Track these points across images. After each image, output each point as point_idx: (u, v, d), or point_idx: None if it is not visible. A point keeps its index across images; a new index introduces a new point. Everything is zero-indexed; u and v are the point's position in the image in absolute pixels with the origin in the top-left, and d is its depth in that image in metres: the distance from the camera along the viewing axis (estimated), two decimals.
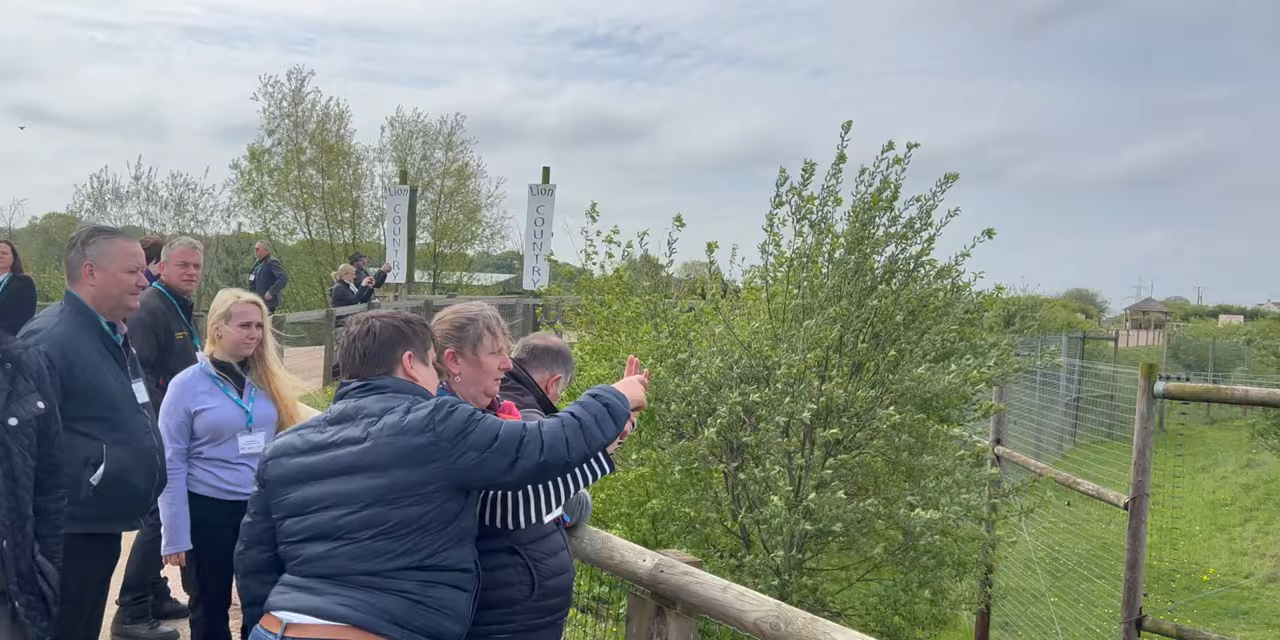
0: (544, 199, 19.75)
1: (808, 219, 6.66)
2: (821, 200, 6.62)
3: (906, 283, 6.72)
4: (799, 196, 6.58)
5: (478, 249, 32.98)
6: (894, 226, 6.65)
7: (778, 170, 6.56)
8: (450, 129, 31.05)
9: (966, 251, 6.72)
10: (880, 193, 6.53)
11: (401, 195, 21.46)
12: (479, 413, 2.44)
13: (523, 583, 2.60)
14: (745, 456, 6.54)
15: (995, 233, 6.68)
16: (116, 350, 3.38)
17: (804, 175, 6.57)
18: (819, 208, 6.63)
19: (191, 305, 5.07)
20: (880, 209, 6.55)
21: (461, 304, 2.89)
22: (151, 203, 28.80)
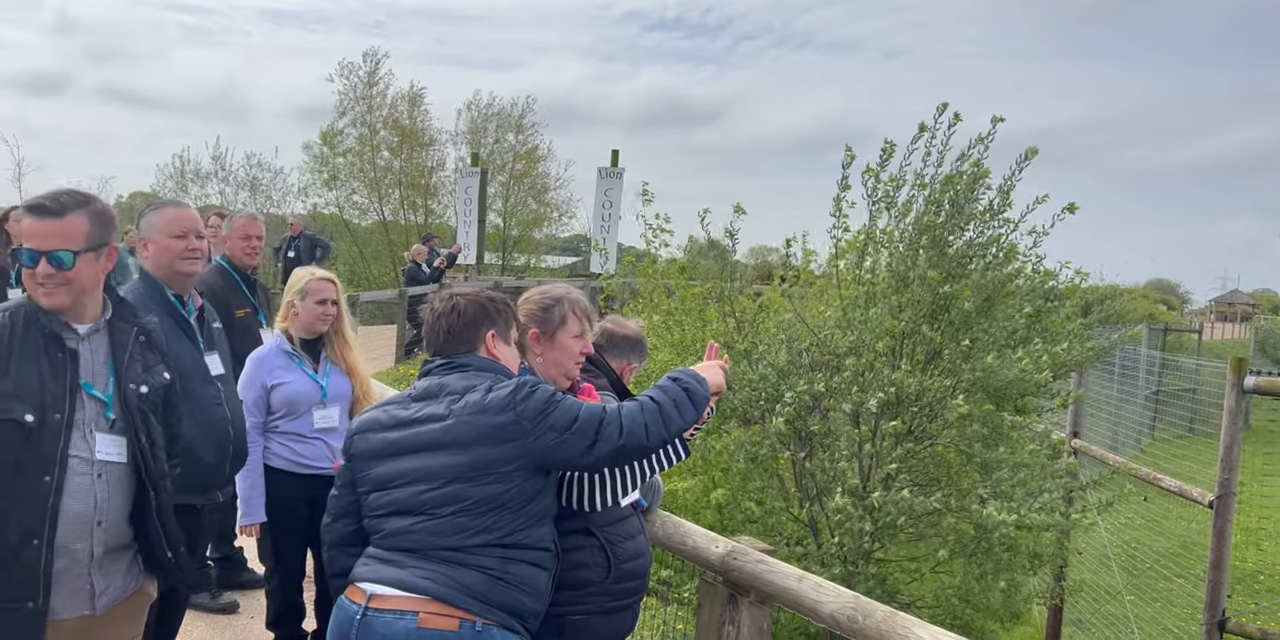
0: (612, 182, 19.74)
1: (883, 202, 6.49)
2: (899, 182, 6.43)
3: (985, 268, 6.52)
4: (875, 178, 6.41)
5: (545, 232, 33.17)
6: (974, 208, 6.44)
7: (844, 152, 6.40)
8: (521, 112, 31.24)
9: (1046, 230, 6.46)
10: (964, 174, 6.32)
11: (472, 177, 21.66)
12: (559, 393, 2.44)
13: (599, 565, 2.61)
14: (813, 445, 6.46)
15: (1077, 207, 6.38)
16: (185, 322, 3.43)
17: (883, 156, 6.39)
18: (894, 190, 6.44)
19: (255, 281, 5.08)
20: (962, 189, 6.35)
21: (548, 285, 2.90)
22: (228, 183, 29.64)
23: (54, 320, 2.41)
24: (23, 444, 2.31)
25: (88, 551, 2.42)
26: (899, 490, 5.77)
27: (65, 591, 2.40)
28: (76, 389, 2.40)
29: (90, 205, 2.45)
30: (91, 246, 2.41)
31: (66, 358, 2.40)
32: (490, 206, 26.58)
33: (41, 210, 2.39)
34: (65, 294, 2.40)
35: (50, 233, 2.37)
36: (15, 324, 2.38)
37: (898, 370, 6.13)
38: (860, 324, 6.30)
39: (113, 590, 2.50)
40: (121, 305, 2.59)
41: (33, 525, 2.32)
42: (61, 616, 2.40)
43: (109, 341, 2.51)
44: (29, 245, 2.38)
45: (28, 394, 2.33)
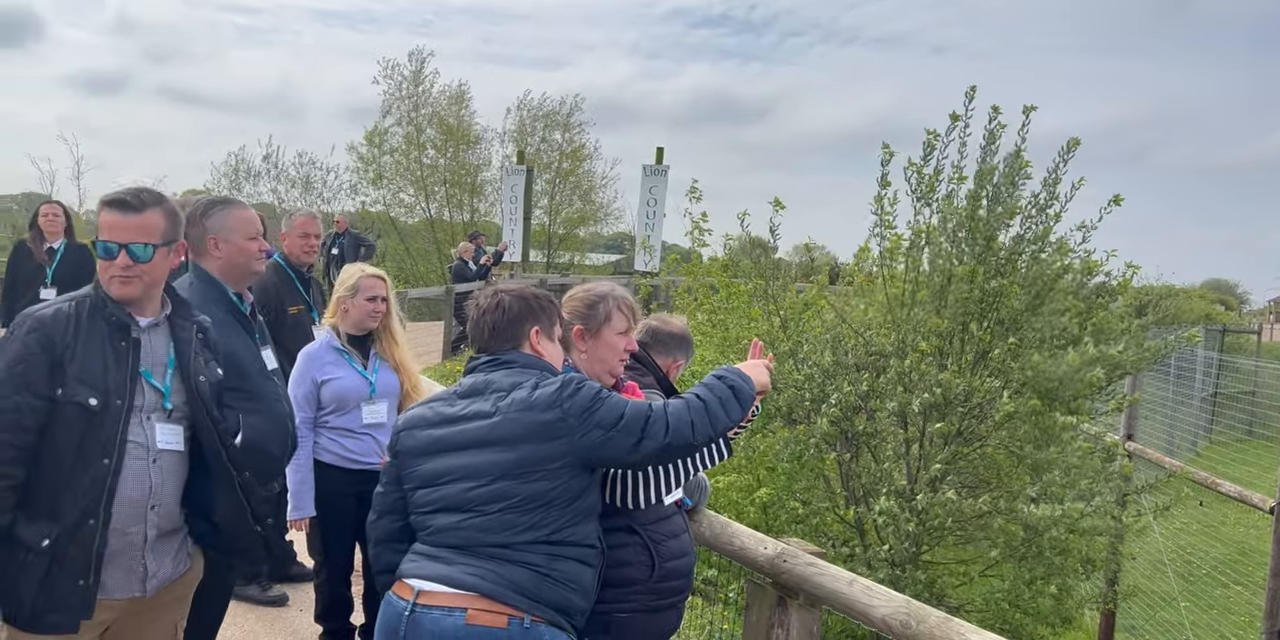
0: (657, 180, 19.72)
1: (925, 198, 6.39)
2: (938, 177, 6.33)
3: (1032, 263, 6.38)
4: (918, 174, 6.32)
5: (589, 230, 33.25)
6: (1016, 202, 6.32)
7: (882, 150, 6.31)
8: (569, 111, 31.31)
9: (1094, 224, 6.32)
10: (1000, 166, 6.21)
11: (518, 175, 21.76)
12: (605, 391, 2.44)
13: (642, 563, 2.60)
14: (860, 446, 6.39)
15: (1123, 199, 6.23)
16: (244, 319, 3.47)
17: (925, 150, 6.30)
18: (934, 185, 6.33)
19: (310, 279, 5.13)
20: (1001, 181, 6.24)
21: (593, 282, 2.90)
22: (280, 181, 30.11)
23: (120, 310, 2.51)
24: (85, 427, 2.41)
25: (141, 534, 2.51)
26: (945, 492, 5.68)
27: (119, 572, 2.49)
28: (137, 377, 2.49)
29: (165, 203, 2.58)
30: (166, 241, 2.53)
31: (129, 346, 2.49)
32: (535, 204, 26.67)
33: (123, 205, 2.50)
34: (138, 285, 2.51)
35: (130, 227, 2.49)
36: (81, 312, 2.49)
37: (945, 371, 6.04)
38: (904, 323, 6.22)
39: (163, 573, 2.59)
40: (180, 303, 2.69)
41: (89, 506, 2.41)
42: (114, 596, 2.49)
43: (170, 336, 2.62)
44: (107, 238, 2.49)
45: (92, 379, 2.42)
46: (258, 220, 3.45)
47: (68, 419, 2.41)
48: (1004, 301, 6.08)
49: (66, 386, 2.41)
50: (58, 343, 2.42)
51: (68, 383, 2.41)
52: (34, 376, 2.39)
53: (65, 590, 2.40)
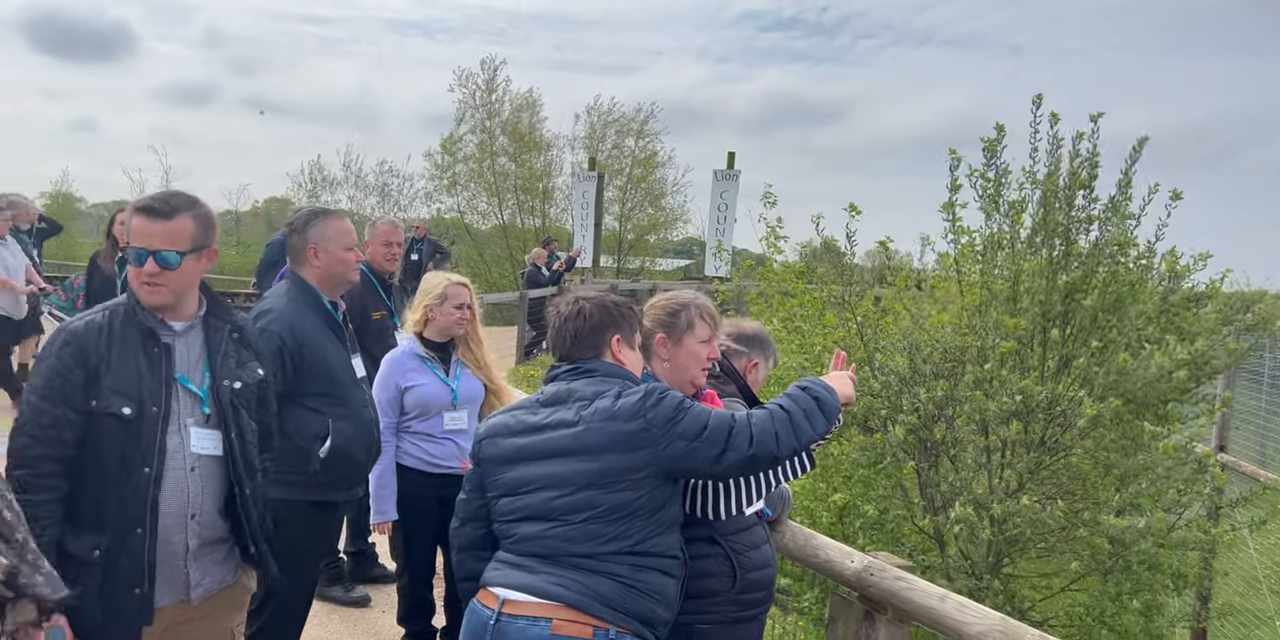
0: (728, 184, 19.66)
1: (995, 202, 6.27)
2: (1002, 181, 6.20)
3: (1114, 268, 6.21)
4: (983, 178, 6.22)
5: (659, 235, 33.27)
6: (1093, 207, 6.16)
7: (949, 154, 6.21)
8: (644, 118, 31.37)
9: (1164, 221, 6.12)
10: (1077, 171, 6.07)
11: (589, 181, 21.90)
12: (688, 400, 2.43)
13: (724, 574, 2.58)
14: (938, 454, 6.28)
15: (1182, 194, 6.01)
16: (337, 327, 3.54)
17: (986, 155, 6.20)
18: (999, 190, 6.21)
19: (392, 285, 5.23)
20: (1077, 187, 6.09)
21: (675, 290, 2.89)
22: (358, 188, 30.77)
23: (150, 316, 2.50)
24: (124, 437, 2.41)
25: (183, 543, 2.51)
26: (1019, 500, 5.54)
27: (163, 581, 2.50)
28: (171, 383, 2.48)
29: (196, 208, 2.53)
30: (195, 248, 2.50)
31: (161, 353, 2.48)
32: (606, 210, 26.80)
33: (151, 212, 2.48)
34: (168, 292, 2.49)
35: (158, 233, 2.46)
36: (114, 321, 2.49)
37: (1025, 378, 5.91)
38: (981, 329, 6.11)
39: (208, 581, 2.59)
40: (215, 303, 2.66)
41: (136, 515, 2.42)
42: (159, 604, 2.50)
43: (204, 338, 2.59)
44: (137, 244, 2.47)
45: (126, 388, 2.42)
46: (354, 231, 3.54)
47: (106, 430, 2.41)
48: (1081, 303, 5.93)
49: (102, 398, 2.41)
50: (91, 354, 2.42)
51: (103, 394, 2.41)
52: (70, 390, 2.40)
53: (122, 599, 2.43)
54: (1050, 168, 6.15)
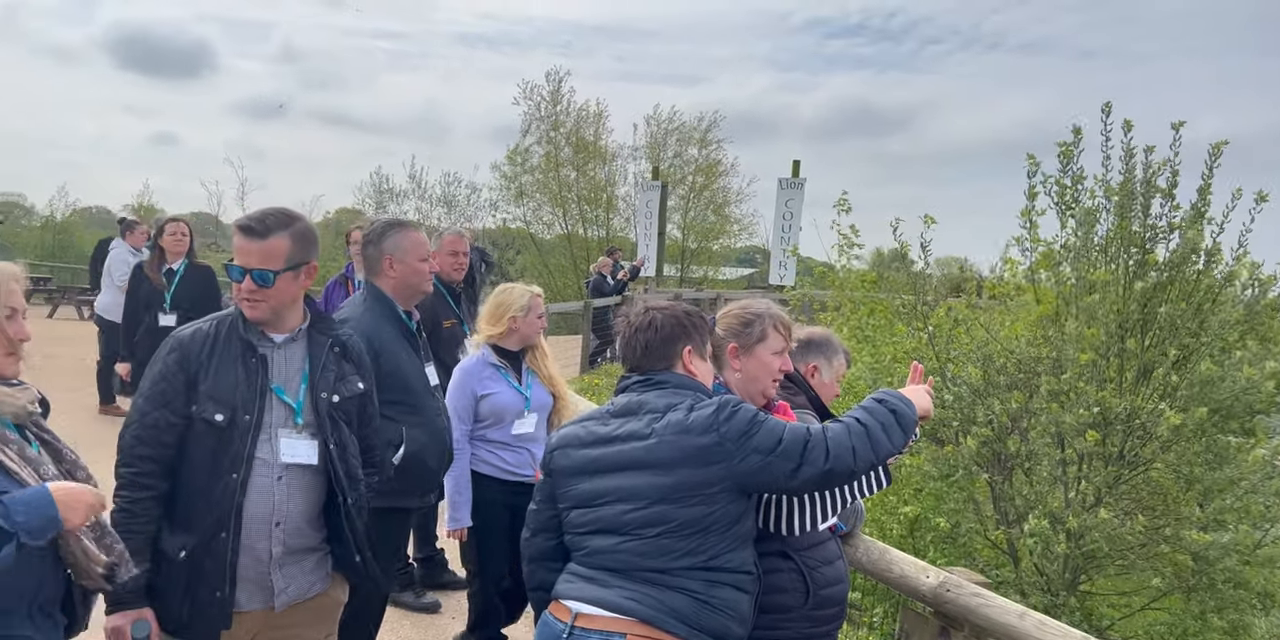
0: (793, 193, 19.55)
1: (1071, 210, 6.12)
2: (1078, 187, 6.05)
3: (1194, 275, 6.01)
4: (1059, 185, 6.07)
5: (722, 244, 33.21)
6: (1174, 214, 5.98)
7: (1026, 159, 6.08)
8: (706, 127, 31.39)
9: (1247, 227, 5.90)
10: (1152, 178, 5.90)
11: (653, 191, 21.96)
12: (762, 414, 2.39)
13: (797, 590, 2.55)
14: (1012, 467, 6.15)
15: (1268, 196, 5.78)
16: (411, 336, 3.60)
17: (1062, 161, 6.06)
18: (1080, 196, 6.06)
19: (460, 294, 5.29)
20: (1153, 195, 5.92)
21: (748, 299, 2.85)
22: (424, 199, 31.28)
23: (251, 329, 2.58)
24: (216, 443, 2.49)
25: (267, 551, 2.55)
26: (1096, 514, 5.39)
27: (248, 586, 2.55)
28: (266, 393, 2.54)
29: (293, 226, 2.58)
30: (291, 266, 2.55)
31: (258, 364, 2.55)
32: (668, 219, 26.83)
33: (248, 231, 2.55)
34: (265, 308, 2.56)
35: (255, 252, 2.53)
36: (219, 331, 2.58)
37: (1103, 390, 5.76)
38: (1057, 339, 5.97)
39: (293, 590, 2.62)
40: (320, 317, 2.72)
41: (221, 519, 2.48)
42: (244, 608, 2.55)
43: (305, 350, 2.65)
44: (236, 262, 2.55)
45: (222, 396, 2.50)
46: (428, 243, 3.60)
47: (200, 434, 2.49)
48: (1158, 312, 5.76)
49: (199, 403, 2.49)
50: (192, 361, 2.51)
51: (200, 400, 2.49)
52: (172, 394, 2.49)
53: (205, 601, 2.49)
54: (1124, 175, 6.00)
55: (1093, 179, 6.10)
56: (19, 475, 1.99)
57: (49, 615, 2.07)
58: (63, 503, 1.94)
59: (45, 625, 2.05)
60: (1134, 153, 5.97)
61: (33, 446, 2.08)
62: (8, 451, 1.99)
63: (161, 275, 6.58)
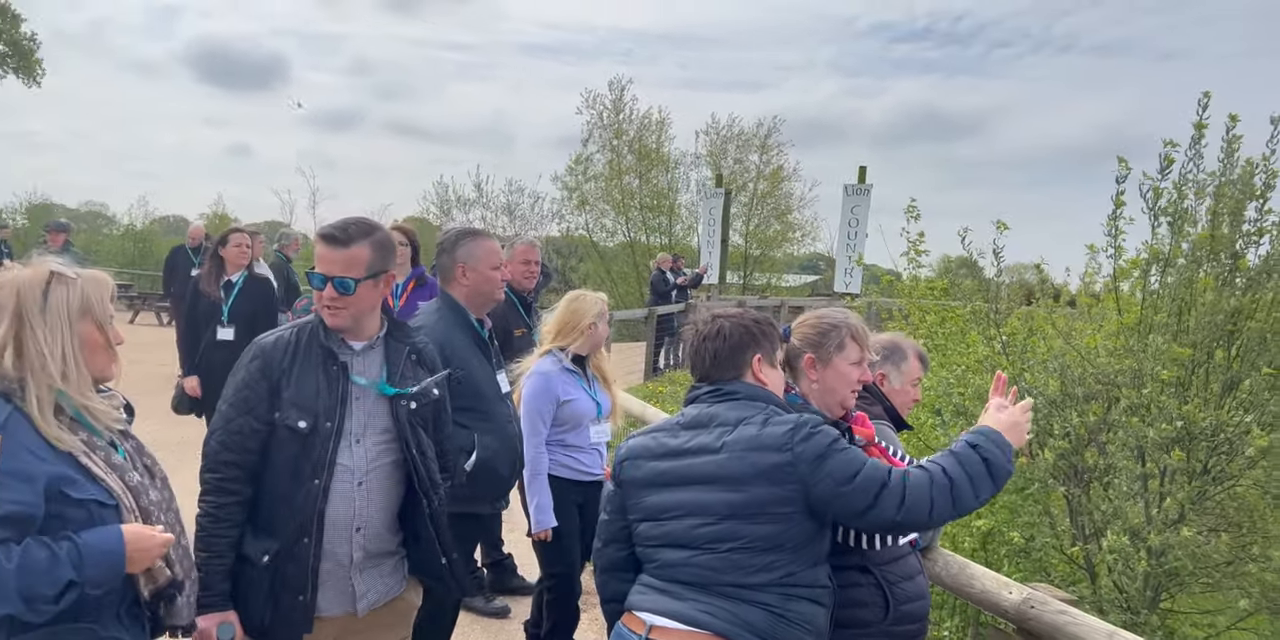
0: (859, 199, 19.33)
1: (1170, 217, 5.92)
2: (1180, 191, 5.85)
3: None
4: (1154, 191, 5.87)
5: (785, 251, 33.00)
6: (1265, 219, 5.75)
7: (1118, 162, 5.87)
8: (766, 132, 31.27)
9: None
10: (1246, 177, 5.68)
11: (716, 198, 21.89)
12: (843, 441, 2.32)
13: (876, 605, 2.50)
14: (1090, 481, 5.98)
15: None
16: (484, 344, 3.63)
17: (1163, 164, 5.84)
18: (1179, 201, 5.86)
19: (531, 303, 5.34)
20: (1249, 197, 5.70)
21: (825, 309, 2.79)
22: (489, 208, 31.63)
23: (332, 337, 2.62)
24: (299, 449, 2.52)
25: (348, 555, 2.59)
26: (1179, 531, 5.21)
27: (330, 591, 2.59)
28: (347, 400, 2.58)
29: (373, 235, 2.63)
30: (371, 274, 2.60)
31: (339, 371, 2.59)
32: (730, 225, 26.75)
33: (330, 239, 2.59)
34: (346, 316, 2.60)
35: (336, 260, 2.57)
36: (301, 339, 2.62)
37: (1187, 403, 5.57)
38: (1140, 351, 5.79)
39: (373, 594, 2.66)
40: (397, 324, 2.76)
41: (304, 524, 2.52)
42: (327, 613, 2.59)
43: (383, 357, 2.68)
44: (318, 270, 2.60)
45: (304, 403, 2.54)
46: (501, 251, 3.64)
47: (283, 441, 2.53)
48: (1248, 324, 5.55)
49: (282, 410, 2.53)
50: (275, 369, 2.56)
51: (283, 406, 2.53)
52: (255, 401, 2.54)
53: (287, 605, 2.53)
54: (1223, 176, 5.77)
55: (1178, 176, 5.86)
56: (105, 482, 2.04)
57: (136, 617, 2.12)
58: (132, 550, 2.00)
59: (133, 626, 2.10)
60: (1237, 147, 5.71)
61: (119, 453, 2.13)
62: (95, 458, 2.05)
63: (219, 288, 6.17)
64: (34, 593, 1.87)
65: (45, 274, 2.04)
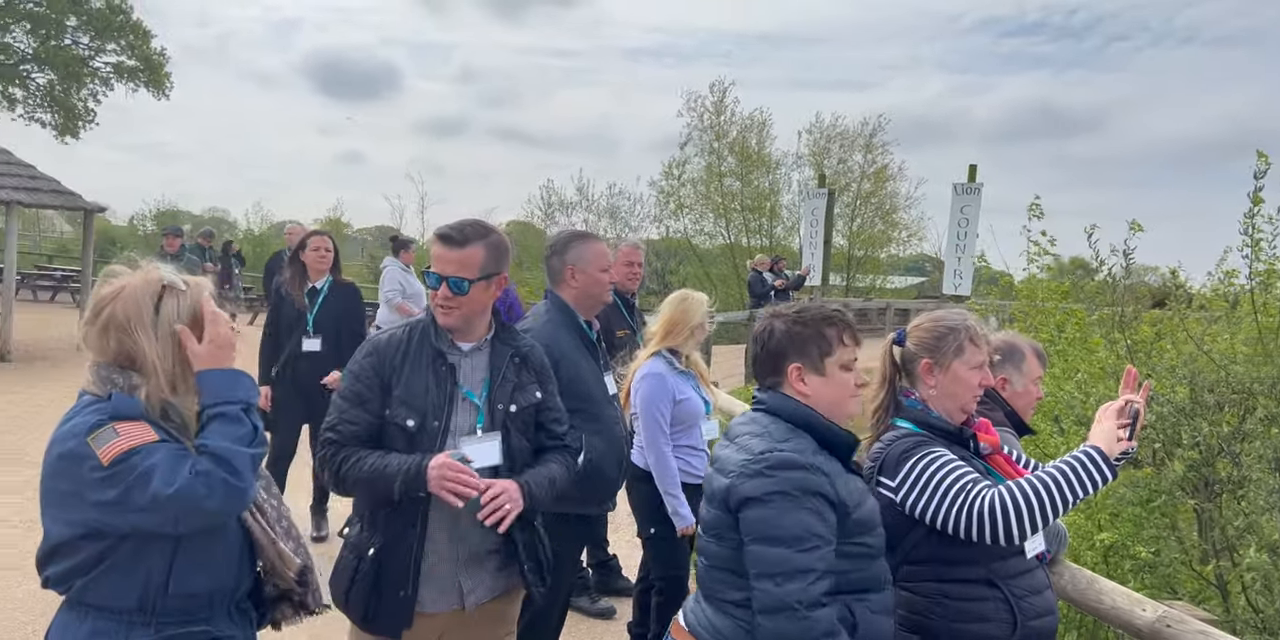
0: (969, 198, 18.78)
1: None
2: None
3: None
4: None
5: (889, 252, 32.37)
6: None
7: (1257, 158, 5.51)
8: (871, 131, 30.75)
9: None
10: None
11: (819, 198, 21.59)
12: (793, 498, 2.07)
13: (1003, 621, 2.39)
14: (1222, 494, 5.67)
15: None
16: (591, 345, 3.64)
17: None
18: None
19: (634, 305, 5.34)
20: None
21: (942, 311, 2.70)
22: (590, 211, 31.93)
23: (442, 337, 2.67)
24: (407, 446, 2.56)
25: (454, 553, 2.62)
26: None
27: (435, 588, 2.61)
28: (454, 399, 2.62)
29: (489, 237, 2.67)
30: (485, 275, 2.64)
31: (448, 371, 2.63)
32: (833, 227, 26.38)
33: (447, 240, 2.64)
34: (458, 315, 2.64)
35: (452, 260, 2.62)
36: (412, 338, 2.67)
37: None
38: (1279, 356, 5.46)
39: (480, 590, 2.68)
40: (503, 328, 2.79)
41: (408, 521, 2.57)
42: (432, 609, 2.62)
43: (489, 360, 2.72)
44: (434, 269, 2.64)
45: (413, 401, 2.58)
46: (610, 254, 3.64)
47: (392, 438, 2.58)
48: None
49: (392, 408, 2.58)
50: (386, 366, 2.61)
51: (393, 404, 2.58)
52: (367, 395, 2.60)
53: (390, 598, 2.57)
54: None
55: None
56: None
57: (244, 612, 2.17)
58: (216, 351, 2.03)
59: (242, 622, 2.15)
60: None
61: None
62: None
63: (304, 294, 5.79)
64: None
65: (157, 285, 2.06)
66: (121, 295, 2.02)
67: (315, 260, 5.80)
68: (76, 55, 28.89)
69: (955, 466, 2.38)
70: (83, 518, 1.90)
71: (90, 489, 1.86)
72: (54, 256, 31.77)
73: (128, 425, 1.91)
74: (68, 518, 1.92)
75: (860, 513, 2.17)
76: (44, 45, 28.62)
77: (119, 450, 1.86)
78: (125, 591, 1.95)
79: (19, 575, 5.08)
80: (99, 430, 1.88)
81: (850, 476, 2.21)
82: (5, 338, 13.15)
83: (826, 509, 2.09)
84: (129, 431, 1.89)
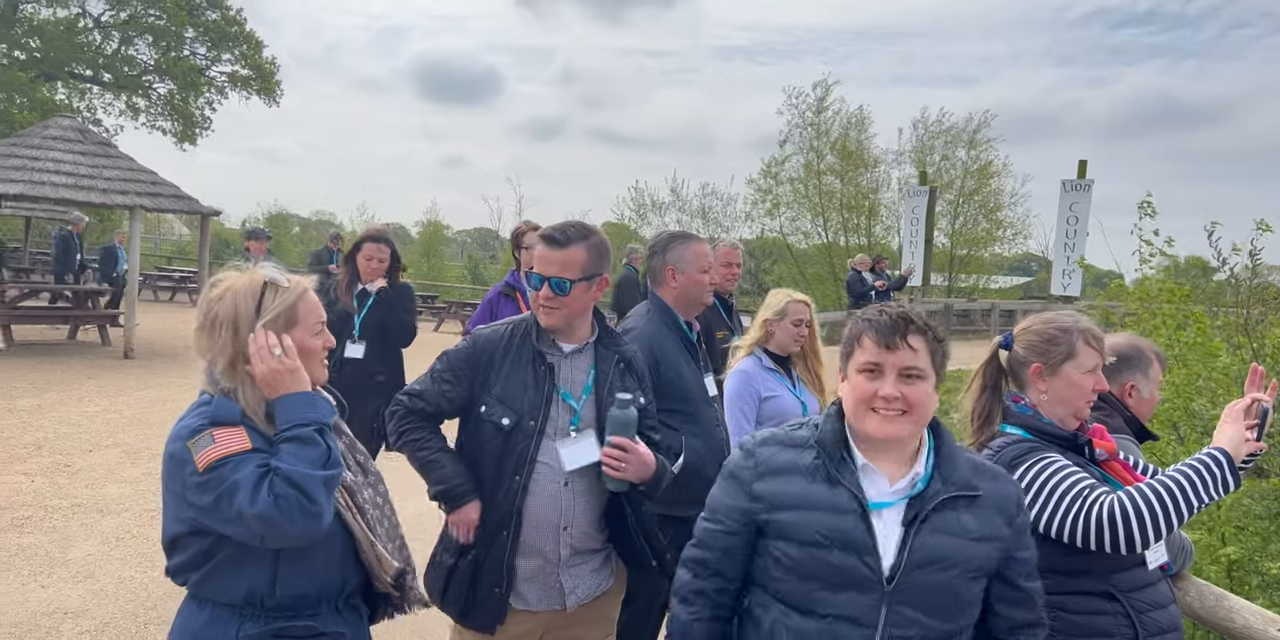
0: (1079, 196, 18.09)
1: None
2: None
3: None
4: None
5: (993, 251, 31.45)
6: None
7: None
8: (976, 127, 29.95)
9: None
10: None
11: (920, 196, 21.11)
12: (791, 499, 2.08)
13: (1124, 635, 2.29)
14: None
15: None
16: (691, 346, 3.62)
17: None
18: None
19: (733, 305, 5.29)
20: None
21: (1052, 313, 2.59)
22: (683, 211, 31.93)
23: (543, 337, 2.68)
24: (503, 445, 2.58)
25: (555, 553, 2.62)
26: None
27: (538, 588, 2.63)
28: (552, 400, 2.62)
29: (590, 239, 2.67)
30: (586, 276, 2.64)
31: (546, 371, 2.63)
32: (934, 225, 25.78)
33: (550, 240, 2.66)
34: (559, 316, 2.65)
35: (554, 261, 2.63)
36: (514, 337, 2.69)
37: None
38: None
39: (581, 590, 2.68)
40: (607, 332, 2.79)
41: (503, 520, 2.58)
42: (536, 608, 2.63)
43: (592, 363, 2.71)
44: (536, 270, 2.65)
45: (510, 400, 2.60)
46: (710, 254, 3.62)
47: (487, 436, 2.59)
48: None
49: (488, 405, 2.60)
50: (482, 359, 2.65)
51: (490, 403, 2.60)
52: (451, 379, 2.68)
53: (484, 595, 2.60)
54: None
55: None
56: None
57: (354, 608, 2.20)
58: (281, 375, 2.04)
59: (351, 617, 2.18)
60: None
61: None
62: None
63: (353, 298, 5.51)
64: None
65: (260, 283, 2.09)
66: (226, 296, 2.07)
67: (364, 266, 5.54)
68: (194, 65, 30.26)
69: (1071, 472, 2.29)
70: (188, 516, 1.97)
71: (190, 492, 1.93)
72: (173, 258, 33.33)
73: (224, 431, 1.95)
74: (179, 515, 2.00)
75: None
76: (165, 57, 30.08)
77: (212, 458, 1.91)
78: (233, 589, 2.01)
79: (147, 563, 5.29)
80: (199, 435, 1.94)
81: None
82: (129, 336, 13.83)
83: None
84: (224, 439, 1.94)
